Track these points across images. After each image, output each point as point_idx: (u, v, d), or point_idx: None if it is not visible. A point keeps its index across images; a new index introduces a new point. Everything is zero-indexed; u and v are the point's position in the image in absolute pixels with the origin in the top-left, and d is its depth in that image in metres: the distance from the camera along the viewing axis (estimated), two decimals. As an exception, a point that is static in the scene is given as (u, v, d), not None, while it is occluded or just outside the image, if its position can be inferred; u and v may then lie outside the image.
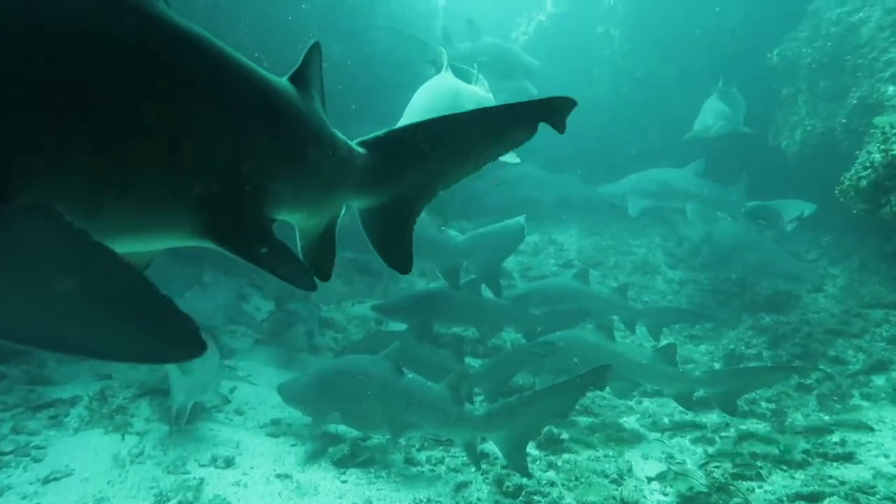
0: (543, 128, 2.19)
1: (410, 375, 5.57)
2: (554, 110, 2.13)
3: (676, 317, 8.23)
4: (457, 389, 5.35)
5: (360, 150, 2.18)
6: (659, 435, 6.18)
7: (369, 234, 2.30)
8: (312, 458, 5.70)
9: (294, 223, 2.15)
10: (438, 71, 5.87)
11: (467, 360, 7.21)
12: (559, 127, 2.15)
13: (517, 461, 5.08)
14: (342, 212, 2.29)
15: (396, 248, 2.34)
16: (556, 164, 11.69)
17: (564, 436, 5.99)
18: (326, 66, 2.15)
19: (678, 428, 6.17)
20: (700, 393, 6.43)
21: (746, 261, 8.43)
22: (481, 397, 6.54)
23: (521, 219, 8.04)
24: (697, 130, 9.61)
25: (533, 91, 11.80)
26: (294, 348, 7.90)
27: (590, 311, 7.74)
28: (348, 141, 2.16)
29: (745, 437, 5.81)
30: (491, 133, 2.23)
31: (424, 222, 7.58)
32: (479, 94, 5.86)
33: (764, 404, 6.62)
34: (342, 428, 5.99)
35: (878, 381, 6.79)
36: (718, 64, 10.75)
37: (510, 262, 10.43)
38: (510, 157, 5.47)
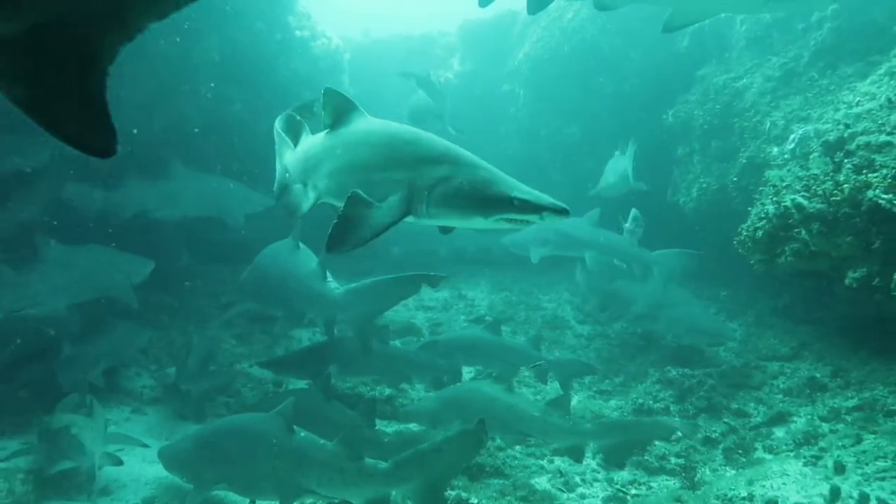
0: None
1: (303, 434, 5.10)
2: None
3: (584, 369, 8.18)
4: (352, 445, 4.91)
5: None
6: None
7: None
8: (190, 540, 5.02)
9: None
10: None
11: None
12: None
13: None
14: None
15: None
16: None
17: (473, 500, 5.61)
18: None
19: None
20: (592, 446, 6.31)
21: (671, 317, 8.61)
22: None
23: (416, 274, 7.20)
24: (601, 188, 9.95)
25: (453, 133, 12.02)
26: (178, 417, 7.15)
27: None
28: None
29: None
30: None
31: (311, 275, 7.21)
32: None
33: (674, 460, 6.51)
34: (230, 497, 5.36)
35: (779, 433, 6.84)
36: (620, 123, 11.14)
37: (419, 318, 10.14)
38: None
